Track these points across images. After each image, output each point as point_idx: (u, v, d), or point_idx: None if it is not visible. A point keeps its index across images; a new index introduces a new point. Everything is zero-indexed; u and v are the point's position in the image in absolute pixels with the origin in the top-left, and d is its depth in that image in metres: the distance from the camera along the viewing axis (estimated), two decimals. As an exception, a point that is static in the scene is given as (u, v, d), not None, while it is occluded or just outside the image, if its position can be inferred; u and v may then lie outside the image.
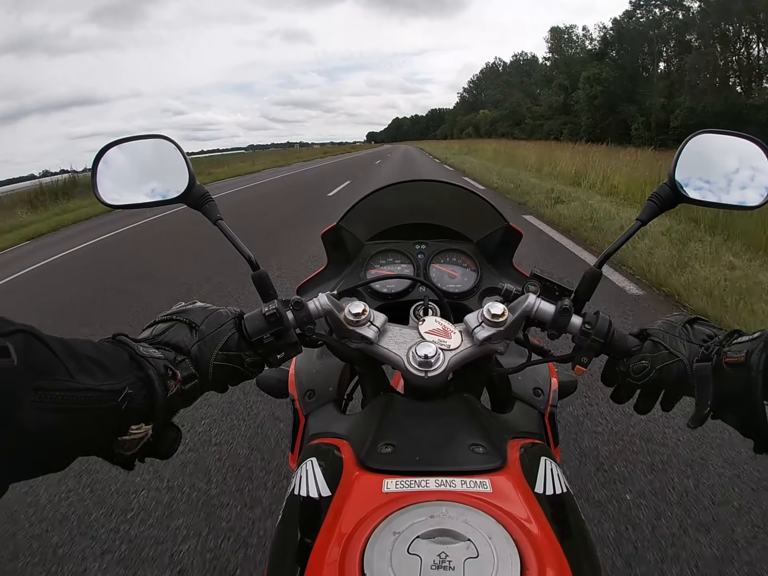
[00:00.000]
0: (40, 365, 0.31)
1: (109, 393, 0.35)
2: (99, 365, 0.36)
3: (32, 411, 0.30)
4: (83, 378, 0.34)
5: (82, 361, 0.35)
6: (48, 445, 0.32)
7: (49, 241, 7.83)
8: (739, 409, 0.41)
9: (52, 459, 0.34)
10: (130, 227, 7.72)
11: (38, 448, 0.32)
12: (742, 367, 0.40)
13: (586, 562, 0.39)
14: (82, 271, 5.21)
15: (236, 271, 3.89)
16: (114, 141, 0.60)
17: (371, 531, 0.35)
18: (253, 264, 0.56)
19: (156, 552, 1.36)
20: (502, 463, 0.42)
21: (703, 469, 1.53)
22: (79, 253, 6.23)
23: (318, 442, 0.53)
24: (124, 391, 0.37)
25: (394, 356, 0.51)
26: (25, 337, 0.31)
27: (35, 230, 9.20)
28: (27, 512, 1.57)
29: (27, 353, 0.30)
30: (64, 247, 6.60)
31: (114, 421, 0.37)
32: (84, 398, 0.33)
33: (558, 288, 0.54)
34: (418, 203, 0.82)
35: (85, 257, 5.91)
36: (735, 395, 0.41)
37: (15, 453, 0.30)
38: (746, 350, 0.40)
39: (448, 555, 0.33)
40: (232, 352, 0.48)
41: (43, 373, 0.31)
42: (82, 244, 6.74)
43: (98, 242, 6.77)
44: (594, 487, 1.48)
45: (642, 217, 0.55)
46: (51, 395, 0.31)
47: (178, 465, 1.72)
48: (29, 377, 0.30)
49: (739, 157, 0.58)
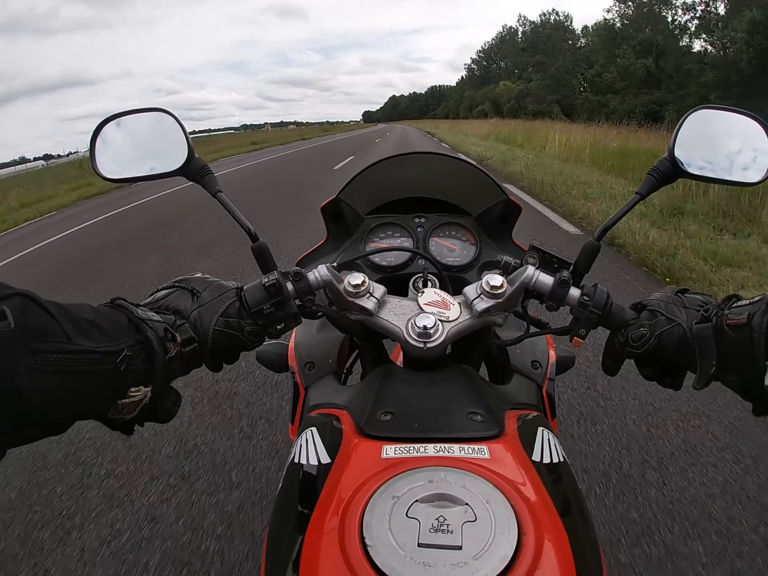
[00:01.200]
0: (38, 328, 0.31)
1: (107, 355, 0.36)
2: (97, 328, 0.36)
3: (30, 374, 0.30)
4: (81, 340, 0.34)
5: (80, 323, 0.35)
6: (46, 408, 0.32)
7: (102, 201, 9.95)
8: (740, 370, 0.42)
9: (51, 422, 0.35)
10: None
11: (36, 412, 0.32)
12: (743, 329, 0.41)
13: (582, 528, 0.40)
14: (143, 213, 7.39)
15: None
16: (112, 115, 0.60)
17: (370, 495, 0.36)
18: (252, 235, 0.55)
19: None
20: (500, 431, 0.43)
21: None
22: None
23: (318, 412, 0.54)
24: (123, 353, 0.37)
25: (393, 327, 0.51)
26: (23, 301, 0.31)
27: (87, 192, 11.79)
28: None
29: (24, 317, 0.30)
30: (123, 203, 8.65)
31: (113, 384, 0.37)
32: (82, 360, 0.33)
33: (557, 260, 0.54)
34: (418, 177, 0.82)
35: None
36: (736, 357, 0.42)
37: (13, 417, 0.30)
38: (747, 312, 0.41)
39: (447, 519, 0.34)
40: (232, 319, 0.48)
41: (41, 335, 0.31)
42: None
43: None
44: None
45: (641, 190, 0.55)
46: (49, 358, 0.31)
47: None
48: (26, 340, 0.30)
49: (740, 134, 0.58)
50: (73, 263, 4.83)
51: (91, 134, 0.59)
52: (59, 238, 6.44)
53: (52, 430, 0.35)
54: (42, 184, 14.13)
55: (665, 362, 0.50)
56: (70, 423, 0.36)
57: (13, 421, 0.30)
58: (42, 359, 0.31)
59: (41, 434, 0.34)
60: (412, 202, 0.83)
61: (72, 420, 0.36)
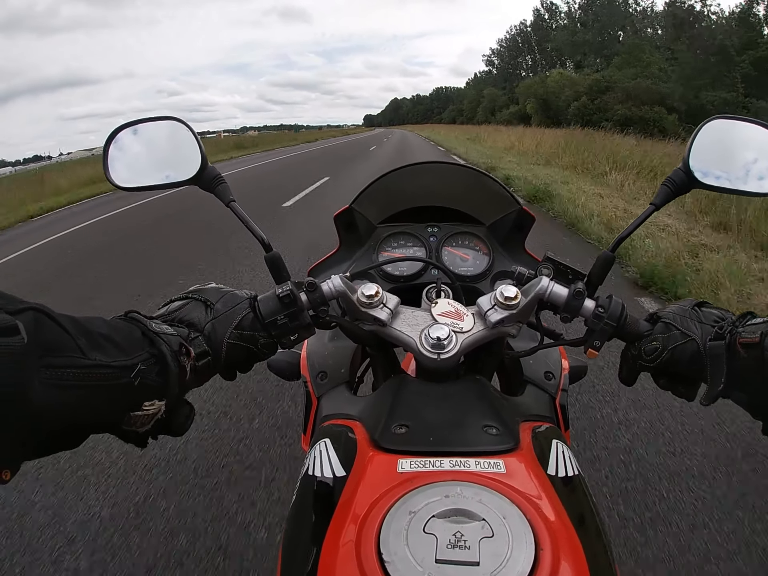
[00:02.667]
0: (51, 343, 0.31)
1: (122, 369, 0.35)
2: (111, 342, 0.36)
3: (44, 389, 0.30)
4: (95, 354, 0.34)
5: (94, 337, 0.34)
6: (60, 422, 0.32)
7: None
8: (751, 389, 0.42)
9: (65, 436, 0.34)
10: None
11: (51, 426, 0.32)
12: (756, 348, 0.40)
13: (598, 543, 0.39)
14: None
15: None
16: (126, 123, 0.60)
17: (387, 510, 0.36)
18: (265, 245, 0.55)
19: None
20: (515, 445, 0.43)
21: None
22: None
23: (331, 423, 0.54)
24: (137, 367, 0.37)
25: (406, 338, 0.51)
26: (36, 315, 0.30)
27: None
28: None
29: (38, 331, 0.30)
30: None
31: (127, 398, 0.37)
32: (96, 375, 0.33)
33: (571, 271, 0.54)
34: (431, 186, 0.82)
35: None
36: (747, 375, 0.42)
37: (27, 431, 0.30)
38: (761, 332, 0.40)
39: (464, 534, 0.34)
40: (245, 331, 0.48)
41: (54, 350, 0.31)
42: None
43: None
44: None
45: (656, 201, 0.55)
46: (62, 372, 0.31)
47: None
48: (40, 355, 0.30)
49: (755, 144, 0.57)
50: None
51: (105, 141, 0.59)
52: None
53: (66, 444, 0.35)
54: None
55: (678, 375, 0.50)
56: (84, 437, 0.36)
57: (27, 436, 0.30)
58: (56, 374, 0.31)
59: (56, 448, 0.34)
60: (424, 212, 0.83)
61: (86, 434, 0.36)
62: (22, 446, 0.30)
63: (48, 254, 5.48)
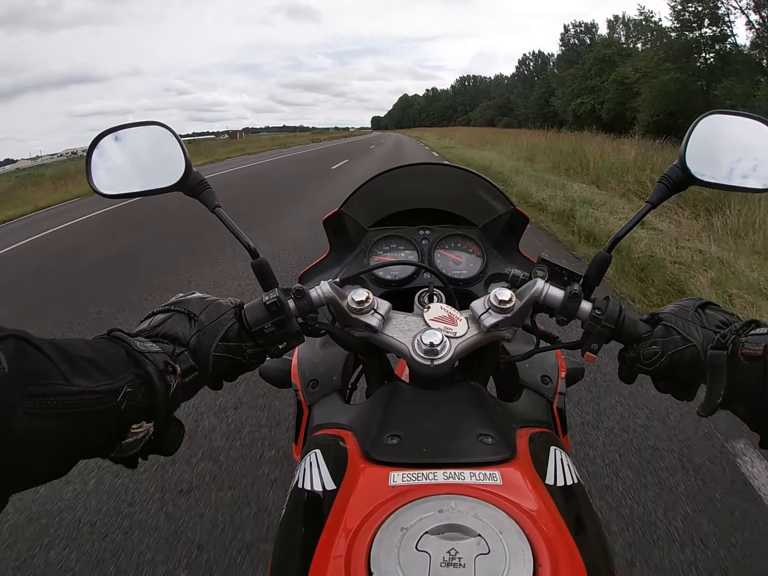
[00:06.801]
0: (33, 371, 0.30)
1: (107, 393, 0.34)
2: (95, 365, 0.35)
3: (28, 419, 0.29)
4: (79, 380, 0.32)
5: (77, 362, 0.33)
6: (46, 452, 0.31)
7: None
8: (751, 402, 0.41)
9: (52, 466, 0.33)
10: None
11: (37, 457, 0.31)
12: (758, 360, 0.39)
13: (600, 556, 0.38)
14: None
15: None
16: (108, 129, 0.59)
17: (378, 526, 0.34)
18: (252, 252, 0.54)
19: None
20: (511, 454, 0.41)
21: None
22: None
23: (322, 433, 0.52)
24: (123, 390, 0.36)
25: (399, 344, 0.50)
26: (16, 343, 0.29)
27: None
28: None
29: (19, 359, 0.29)
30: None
31: (114, 422, 0.36)
32: (81, 401, 0.32)
33: (567, 273, 0.53)
34: (422, 188, 0.81)
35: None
36: (748, 388, 0.40)
37: (13, 464, 0.29)
38: (764, 344, 0.39)
39: (459, 551, 0.32)
40: (232, 343, 0.46)
41: (37, 378, 0.30)
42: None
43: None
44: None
45: (652, 199, 0.54)
46: (46, 401, 0.30)
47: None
48: (22, 384, 0.29)
49: (752, 140, 0.56)
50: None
51: (87, 148, 0.58)
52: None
53: (54, 473, 0.34)
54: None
55: (677, 378, 0.49)
56: (72, 464, 0.35)
57: (13, 468, 0.29)
58: (40, 403, 0.29)
59: (43, 479, 0.33)
60: (416, 214, 0.81)
61: (75, 461, 0.35)
62: (8, 479, 0.29)
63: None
